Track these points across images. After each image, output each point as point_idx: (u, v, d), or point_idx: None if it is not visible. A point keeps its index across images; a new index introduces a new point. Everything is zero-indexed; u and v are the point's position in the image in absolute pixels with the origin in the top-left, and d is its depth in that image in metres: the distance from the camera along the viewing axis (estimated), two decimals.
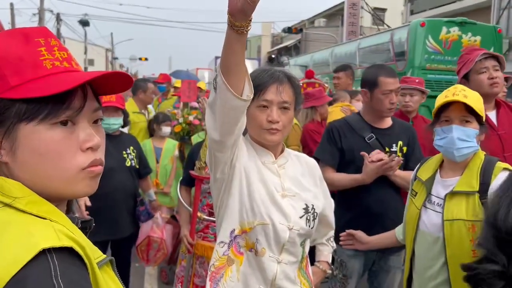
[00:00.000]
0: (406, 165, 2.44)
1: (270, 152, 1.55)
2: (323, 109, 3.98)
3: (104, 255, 0.73)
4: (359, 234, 2.13)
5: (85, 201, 2.59)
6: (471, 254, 1.59)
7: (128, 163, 2.96)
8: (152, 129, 4.23)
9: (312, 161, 1.71)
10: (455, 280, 1.64)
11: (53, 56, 0.73)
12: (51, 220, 0.68)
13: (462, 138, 1.66)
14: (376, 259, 2.46)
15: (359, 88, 4.94)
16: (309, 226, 1.54)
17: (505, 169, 1.66)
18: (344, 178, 2.38)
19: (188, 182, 2.75)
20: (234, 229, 1.50)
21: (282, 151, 1.61)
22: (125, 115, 3.07)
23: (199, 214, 2.59)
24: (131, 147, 3.05)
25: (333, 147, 2.45)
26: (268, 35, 35.21)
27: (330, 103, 4.08)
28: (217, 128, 1.33)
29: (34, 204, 0.68)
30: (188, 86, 4.45)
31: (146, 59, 31.98)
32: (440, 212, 1.71)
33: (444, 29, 8.61)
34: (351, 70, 5.13)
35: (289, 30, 21.73)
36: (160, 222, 3.18)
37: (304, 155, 1.72)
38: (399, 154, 2.44)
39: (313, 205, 1.56)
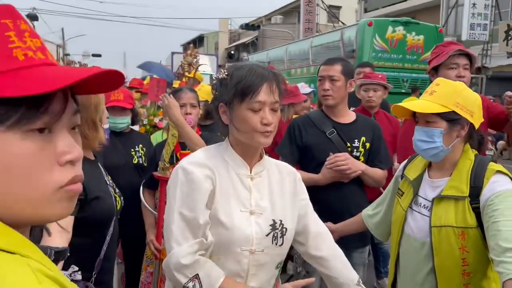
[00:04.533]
0: (372, 163, 2.43)
1: (246, 163, 1.45)
2: (299, 107, 3.94)
3: None
4: (327, 225, 2.10)
5: None
6: (461, 263, 1.55)
7: (135, 161, 2.89)
8: None
9: (293, 170, 1.60)
10: None
11: (25, 44, 0.58)
12: (21, 255, 0.52)
13: (423, 139, 1.62)
14: None
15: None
16: (276, 244, 1.41)
17: (498, 171, 1.56)
18: (303, 176, 2.34)
19: (151, 184, 2.61)
20: None
21: (261, 157, 1.50)
22: (134, 113, 2.99)
23: None
24: (141, 145, 2.97)
25: (293, 144, 2.42)
26: (225, 32, 34.99)
27: None
28: None
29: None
30: (157, 84, 4.24)
31: (99, 55, 30.96)
32: (427, 216, 1.63)
33: (390, 29, 9.05)
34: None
35: (246, 26, 21.69)
36: None
37: (285, 164, 1.60)
38: (361, 149, 2.42)
39: (281, 221, 1.44)
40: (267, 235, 1.39)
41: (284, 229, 1.43)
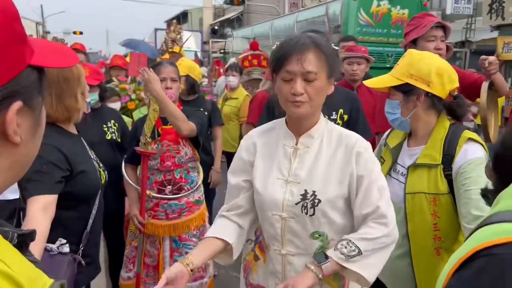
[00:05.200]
0: None
1: (293, 134, 1.47)
2: None
3: (51, 280, 0.56)
4: None
5: None
6: (432, 228, 1.61)
7: (108, 137, 2.83)
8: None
9: (353, 142, 1.44)
10: (416, 254, 1.66)
11: None
12: None
13: (389, 110, 1.72)
14: None
15: None
16: (306, 213, 1.40)
17: (470, 139, 1.58)
18: None
19: (133, 159, 2.61)
20: (257, 229, 1.61)
21: (315, 123, 1.46)
22: (103, 89, 2.89)
23: (148, 192, 2.48)
24: (112, 121, 2.90)
25: (270, 115, 2.43)
26: (210, 7, 34.36)
27: None
28: None
29: None
30: (138, 59, 4.16)
31: (81, 33, 30.14)
32: (403, 183, 1.68)
33: (375, 3, 8.94)
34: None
35: (231, 1, 21.28)
36: None
37: (351, 135, 1.46)
38: (339, 121, 2.45)
39: (314, 192, 1.40)
40: (296, 204, 1.42)
41: (316, 200, 1.40)
